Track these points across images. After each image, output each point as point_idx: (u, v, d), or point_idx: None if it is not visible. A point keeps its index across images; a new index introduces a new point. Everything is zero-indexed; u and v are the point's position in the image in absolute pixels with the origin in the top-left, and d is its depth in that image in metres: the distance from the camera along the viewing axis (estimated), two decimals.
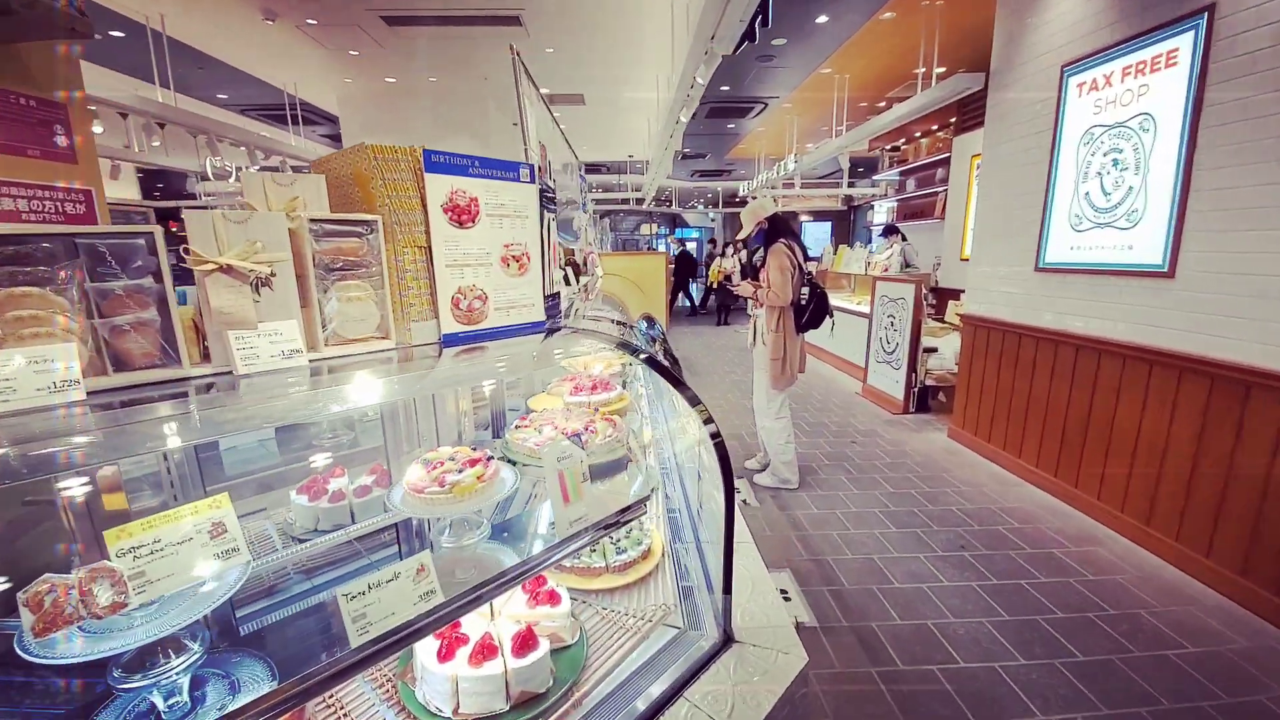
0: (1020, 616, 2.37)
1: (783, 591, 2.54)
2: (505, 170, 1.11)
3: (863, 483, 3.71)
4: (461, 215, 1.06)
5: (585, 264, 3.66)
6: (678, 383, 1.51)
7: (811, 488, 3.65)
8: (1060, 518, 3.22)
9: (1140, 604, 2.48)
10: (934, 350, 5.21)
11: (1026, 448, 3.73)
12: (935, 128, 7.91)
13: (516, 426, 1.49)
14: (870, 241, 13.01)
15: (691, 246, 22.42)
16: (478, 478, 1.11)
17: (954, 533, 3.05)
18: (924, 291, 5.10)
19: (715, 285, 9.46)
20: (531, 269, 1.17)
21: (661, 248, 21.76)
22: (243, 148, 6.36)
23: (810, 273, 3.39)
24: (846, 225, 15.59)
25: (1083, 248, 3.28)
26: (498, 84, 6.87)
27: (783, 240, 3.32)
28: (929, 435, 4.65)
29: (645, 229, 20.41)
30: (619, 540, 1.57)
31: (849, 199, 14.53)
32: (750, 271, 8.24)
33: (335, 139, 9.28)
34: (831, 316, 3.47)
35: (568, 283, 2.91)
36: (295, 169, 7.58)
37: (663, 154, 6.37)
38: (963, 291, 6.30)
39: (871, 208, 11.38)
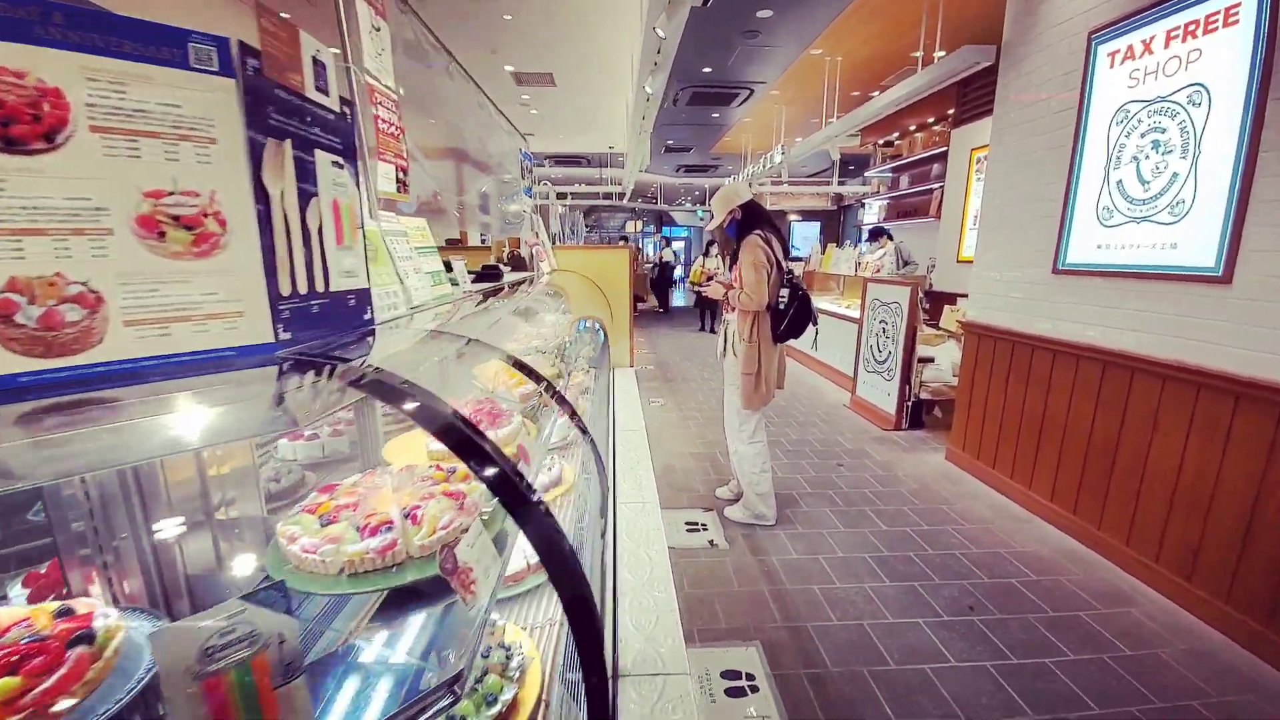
0: (1049, 717, 1.84)
1: (748, 676, 1.99)
2: (147, 41, 0.55)
3: (851, 517, 3.19)
4: (20, 126, 0.50)
5: (531, 258, 3.10)
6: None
7: (791, 523, 3.12)
8: (1083, 567, 2.71)
9: (1192, 690, 1.97)
10: (930, 360, 4.71)
11: (1039, 478, 3.23)
12: (931, 120, 7.43)
13: (296, 514, 0.92)
14: (861, 241, 12.59)
15: (679, 246, 21.90)
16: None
17: (959, 587, 2.53)
18: (919, 295, 4.59)
19: (696, 286, 8.89)
20: (231, 247, 0.61)
21: (651, 248, 21.21)
22: None
23: (792, 272, 2.86)
24: (835, 225, 15.14)
25: (1113, 246, 2.77)
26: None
27: (759, 232, 2.78)
28: (924, 456, 4.14)
29: (631, 226, 19.84)
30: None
31: (839, 198, 14.07)
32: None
33: None
34: (815, 324, 2.94)
35: (491, 279, 2.35)
36: None
37: (637, 138, 5.81)
38: (961, 295, 5.83)
39: (863, 206, 10.90)
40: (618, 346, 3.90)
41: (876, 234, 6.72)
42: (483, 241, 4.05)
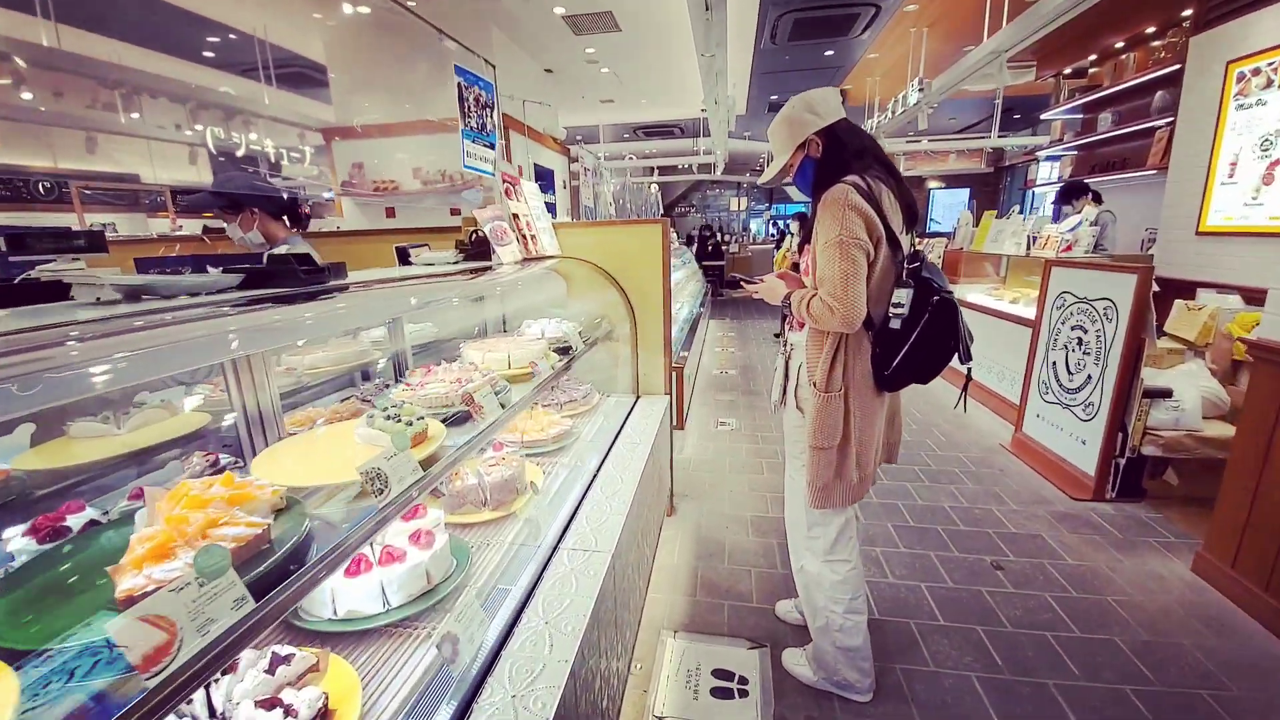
0: None
1: None
2: None
3: (1024, 697, 1.74)
4: None
5: (499, 240, 2.02)
6: None
7: (905, 697, 1.76)
8: None
9: None
10: (1166, 394, 2.92)
11: None
12: (1151, 31, 5.14)
13: None
14: (1028, 210, 9.89)
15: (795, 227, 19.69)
16: None
17: None
18: (1150, 289, 2.82)
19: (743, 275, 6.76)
20: None
21: (759, 229, 19.30)
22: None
23: (918, 257, 1.45)
24: (993, 194, 12.29)
25: None
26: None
27: (853, 179, 1.42)
28: (1153, 562, 2.47)
29: (734, 204, 18.13)
30: None
31: (997, 155, 11.28)
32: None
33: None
34: (966, 355, 1.51)
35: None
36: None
37: (714, 85, 4.43)
38: (1203, 285, 3.81)
39: (1035, 163, 8.41)
40: (647, 364, 2.71)
41: (1072, 193, 4.69)
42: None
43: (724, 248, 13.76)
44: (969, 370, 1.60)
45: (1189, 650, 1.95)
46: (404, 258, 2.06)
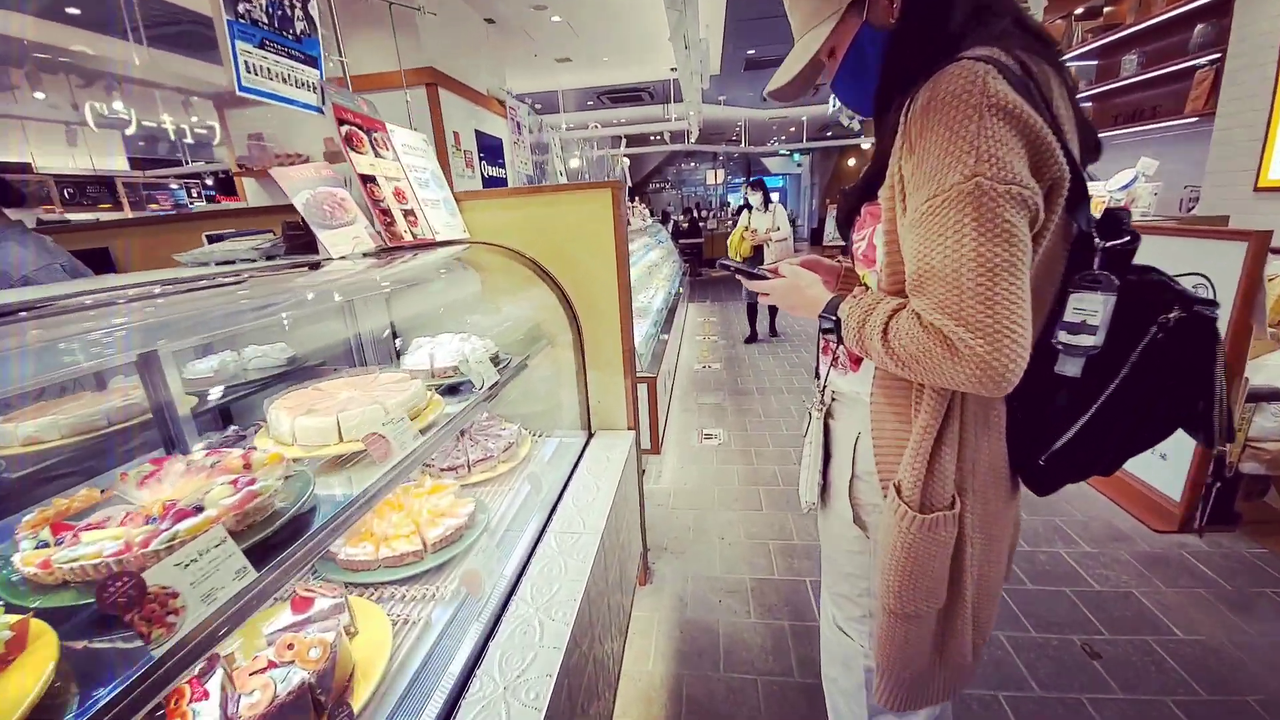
0: None
1: None
2: None
3: None
4: None
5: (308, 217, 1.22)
6: None
7: None
8: None
9: None
10: (1273, 396, 2.27)
11: None
12: None
13: None
14: None
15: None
16: None
17: None
18: (1264, 262, 2.15)
19: (737, 263, 5.29)
20: None
21: (736, 201, 18.40)
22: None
23: (1117, 218, 0.70)
24: None
25: None
26: None
27: (981, 54, 0.65)
28: (1267, 621, 1.84)
29: (710, 176, 17.26)
30: None
31: None
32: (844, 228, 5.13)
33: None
34: (1227, 433, 0.73)
35: None
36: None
37: (685, 50, 3.56)
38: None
39: None
40: (602, 387, 1.95)
41: None
42: None
43: (701, 224, 13.02)
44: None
45: None
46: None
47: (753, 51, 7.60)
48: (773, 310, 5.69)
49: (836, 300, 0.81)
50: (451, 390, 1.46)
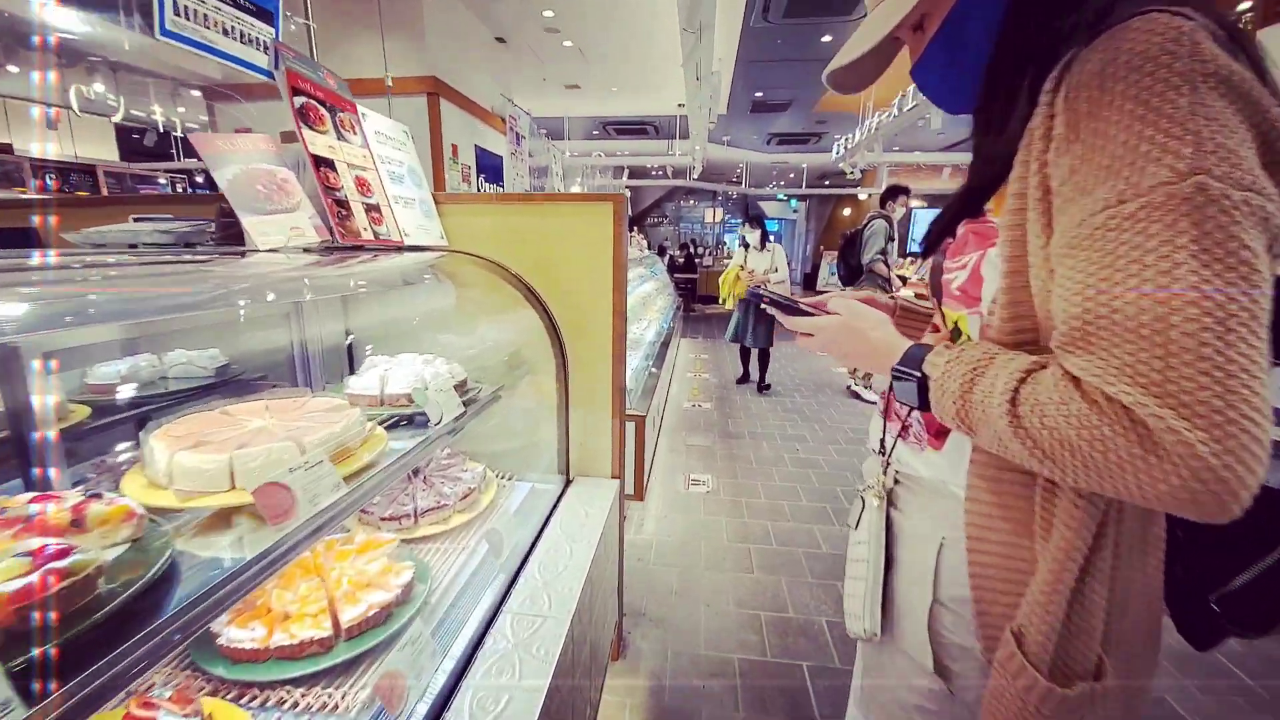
0: None
1: None
2: None
3: None
4: None
5: (233, 199, 0.98)
6: None
7: None
8: None
9: None
10: None
11: None
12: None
13: None
14: None
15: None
16: None
17: None
18: None
19: (733, 301, 4.81)
20: None
21: (732, 242, 18.50)
22: None
23: None
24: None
25: None
26: None
27: (1171, 8, 0.45)
28: None
29: (710, 215, 17.41)
30: None
31: None
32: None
33: None
34: None
35: None
36: None
37: (695, 47, 3.50)
38: None
39: None
40: (585, 427, 1.70)
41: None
42: None
43: (697, 260, 13.02)
44: None
45: None
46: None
47: (760, 94, 7.66)
48: (763, 356, 5.14)
49: (918, 350, 0.58)
50: (408, 421, 1.21)
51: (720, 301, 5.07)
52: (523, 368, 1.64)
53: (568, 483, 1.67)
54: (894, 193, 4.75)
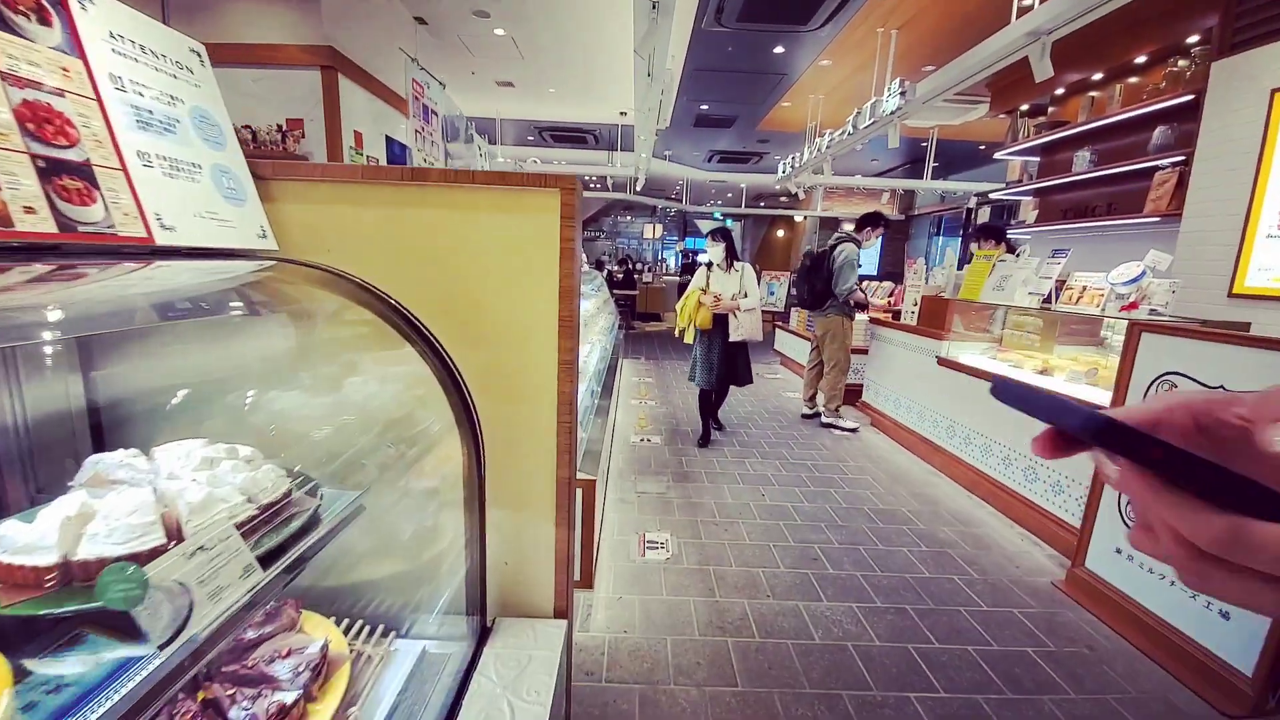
0: None
1: None
2: None
3: None
4: None
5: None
6: None
7: None
8: None
9: None
10: None
11: None
12: (1141, 60, 4.53)
13: None
14: (933, 260, 9.52)
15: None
16: None
17: None
18: None
19: (693, 334, 4.05)
20: None
21: (671, 260, 18.23)
22: None
23: None
24: (902, 241, 12.10)
25: None
26: None
27: None
28: None
29: (649, 230, 17.17)
30: None
31: (907, 201, 11.06)
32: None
33: None
34: None
35: None
36: None
37: (647, 84, 3.04)
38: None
39: (972, 211, 8.02)
40: (516, 535, 1.09)
41: (988, 235, 4.34)
42: None
43: (636, 276, 12.62)
44: None
45: None
46: None
47: (705, 107, 7.35)
48: (719, 394, 4.32)
49: None
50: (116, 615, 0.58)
51: (677, 333, 4.27)
52: (412, 448, 1.03)
53: (484, 633, 1.06)
54: (873, 221, 4.54)
